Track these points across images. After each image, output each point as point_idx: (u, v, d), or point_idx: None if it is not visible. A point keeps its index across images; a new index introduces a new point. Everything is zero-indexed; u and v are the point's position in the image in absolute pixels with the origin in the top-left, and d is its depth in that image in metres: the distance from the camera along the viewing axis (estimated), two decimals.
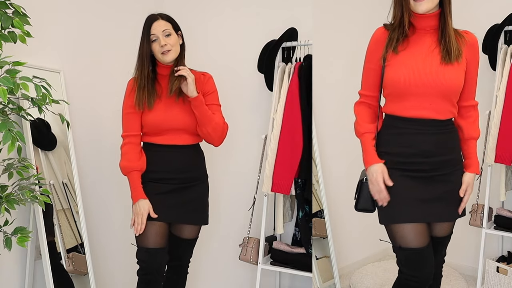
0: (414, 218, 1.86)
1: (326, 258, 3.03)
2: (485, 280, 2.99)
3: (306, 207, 2.82)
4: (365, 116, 1.96)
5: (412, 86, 1.81)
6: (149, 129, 2.25)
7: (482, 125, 3.14)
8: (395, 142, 1.89)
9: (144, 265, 2.19)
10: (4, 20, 1.83)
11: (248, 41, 3.04)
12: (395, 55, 1.85)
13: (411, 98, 1.83)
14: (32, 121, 2.15)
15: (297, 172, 2.73)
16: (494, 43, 2.99)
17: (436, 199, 1.88)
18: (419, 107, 1.83)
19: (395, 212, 1.87)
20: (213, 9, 3.15)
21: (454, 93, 1.85)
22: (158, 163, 2.25)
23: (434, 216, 1.90)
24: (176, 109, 2.24)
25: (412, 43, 1.86)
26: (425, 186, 1.87)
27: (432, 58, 1.82)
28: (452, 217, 1.94)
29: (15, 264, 2.32)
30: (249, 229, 2.88)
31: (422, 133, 1.85)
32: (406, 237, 1.86)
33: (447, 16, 1.83)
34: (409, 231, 1.86)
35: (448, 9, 1.83)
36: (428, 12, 1.81)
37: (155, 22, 2.21)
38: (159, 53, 2.20)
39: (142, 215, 2.15)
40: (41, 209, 2.19)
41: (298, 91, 2.72)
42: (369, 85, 1.95)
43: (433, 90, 1.81)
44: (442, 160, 1.88)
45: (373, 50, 1.91)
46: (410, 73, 1.81)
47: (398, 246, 1.90)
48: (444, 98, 1.83)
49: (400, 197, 1.86)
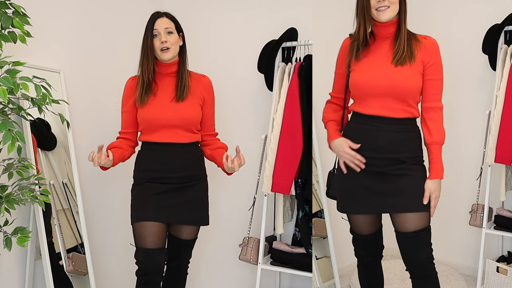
0: (364, 210, 2.07)
1: (326, 258, 3.03)
2: (485, 280, 2.99)
3: (306, 207, 2.82)
4: (329, 110, 2.20)
5: (369, 88, 1.98)
6: (144, 126, 2.26)
7: (482, 125, 3.16)
8: (356, 136, 2.03)
9: (142, 266, 2.19)
10: (4, 20, 1.83)
11: (248, 41, 3.04)
12: (357, 62, 2.03)
13: (370, 98, 1.99)
14: (32, 121, 2.15)
15: (297, 172, 2.73)
16: (494, 43, 3.00)
17: (390, 194, 1.99)
18: (376, 106, 1.98)
19: (349, 204, 2.10)
20: (213, 9, 3.15)
21: (409, 94, 1.96)
22: (155, 163, 2.25)
23: (385, 208, 2.03)
24: (171, 106, 2.24)
25: (372, 50, 2.03)
26: (379, 180, 2.00)
27: (388, 63, 1.97)
28: (406, 209, 1.98)
29: (15, 264, 2.32)
30: (249, 229, 2.88)
31: (378, 130, 1.99)
32: (358, 226, 2.15)
33: (402, 23, 1.98)
34: (360, 221, 2.13)
35: (404, 16, 1.98)
36: (389, 21, 1.97)
37: (159, 18, 2.24)
38: (159, 49, 2.22)
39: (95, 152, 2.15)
40: (41, 209, 2.19)
41: (298, 91, 2.73)
42: (337, 88, 2.18)
43: (387, 90, 1.95)
44: (395, 157, 1.98)
45: (341, 58, 2.13)
46: (368, 76, 1.98)
47: (350, 228, 2.20)
48: (399, 98, 1.96)
49: (354, 190, 2.05)
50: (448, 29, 3.33)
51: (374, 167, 2.00)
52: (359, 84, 2.00)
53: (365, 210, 2.08)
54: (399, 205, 1.99)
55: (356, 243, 2.26)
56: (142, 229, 2.19)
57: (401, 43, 1.96)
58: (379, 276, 2.32)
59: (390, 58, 1.97)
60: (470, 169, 3.30)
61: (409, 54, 1.95)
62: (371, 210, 2.08)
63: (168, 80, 2.28)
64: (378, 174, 2.00)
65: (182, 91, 2.26)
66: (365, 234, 2.17)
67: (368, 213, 2.11)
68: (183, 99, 2.25)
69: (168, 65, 2.27)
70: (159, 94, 2.25)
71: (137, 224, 2.21)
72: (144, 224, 2.19)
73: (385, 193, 2.00)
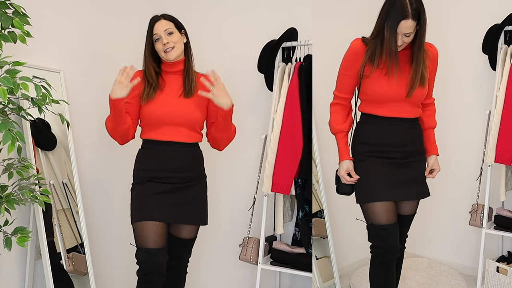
0: (384, 197, 2.22)
1: (326, 258, 3.03)
2: (485, 280, 2.99)
3: (306, 207, 2.82)
4: (339, 116, 2.31)
5: (389, 95, 2.19)
6: (148, 121, 2.26)
7: (482, 125, 3.16)
8: (373, 135, 2.27)
9: (144, 266, 2.19)
10: (4, 20, 1.83)
11: (248, 41, 3.04)
12: (371, 68, 2.17)
13: (387, 103, 2.21)
14: (32, 121, 2.15)
15: (297, 172, 2.73)
16: (494, 43, 3.00)
17: (410, 182, 2.28)
18: (394, 110, 2.22)
19: (369, 193, 2.25)
20: (213, 9, 3.15)
21: (421, 100, 2.27)
22: (157, 162, 2.25)
23: (402, 196, 2.29)
24: (177, 103, 2.25)
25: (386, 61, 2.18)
26: (399, 171, 2.26)
27: (406, 73, 2.17)
28: (417, 196, 2.34)
29: (15, 264, 2.32)
30: (249, 229, 2.88)
31: (396, 129, 2.24)
32: (381, 215, 2.23)
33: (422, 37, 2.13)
34: (380, 209, 2.22)
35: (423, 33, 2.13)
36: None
37: (157, 22, 2.26)
38: (162, 52, 2.24)
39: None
40: (41, 209, 2.19)
41: (298, 91, 2.73)
42: (345, 89, 2.29)
43: (400, 98, 2.19)
44: (410, 150, 2.28)
45: (352, 59, 2.22)
46: (389, 85, 2.17)
47: (370, 223, 2.26)
48: (413, 104, 2.23)
49: (374, 181, 2.24)
50: (448, 29, 3.33)
51: (393, 159, 2.25)
52: (379, 92, 2.19)
53: (384, 198, 2.23)
54: (411, 194, 2.31)
55: (377, 238, 2.25)
56: (143, 228, 2.19)
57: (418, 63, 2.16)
58: (394, 274, 2.35)
59: (409, 69, 2.17)
60: (470, 169, 3.30)
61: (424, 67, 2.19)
62: (390, 198, 2.25)
63: (175, 78, 2.30)
64: (398, 165, 2.25)
65: (190, 87, 2.27)
66: (387, 224, 2.23)
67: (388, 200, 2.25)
68: (191, 95, 2.26)
69: (175, 63, 2.29)
70: (166, 91, 2.27)
71: (138, 224, 2.21)
72: (145, 224, 2.19)
73: (408, 181, 2.27)
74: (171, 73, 2.30)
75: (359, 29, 2.31)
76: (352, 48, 2.21)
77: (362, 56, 2.18)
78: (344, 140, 2.31)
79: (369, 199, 2.24)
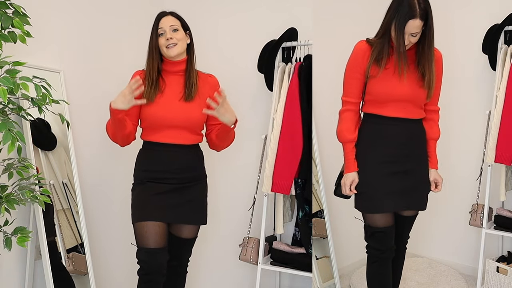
0: (385, 209, 2.22)
1: (326, 258, 3.03)
2: (485, 280, 2.99)
3: (306, 207, 2.82)
4: (350, 124, 2.25)
5: (394, 95, 2.16)
6: (149, 124, 2.25)
7: (482, 125, 3.16)
8: (378, 136, 2.22)
9: (144, 265, 2.19)
10: (4, 20, 1.83)
11: (248, 41, 3.04)
12: (378, 68, 2.14)
13: (392, 103, 2.18)
14: (32, 121, 2.15)
15: (297, 172, 2.73)
16: (494, 43, 3.00)
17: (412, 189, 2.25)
18: (398, 110, 2.18)
19: (369, 203, 2.24)
20: (213, 9, 3.15)
21: (424, 100, 2.21)
22: (157, 163, 2.25)
23: (403, 205, 2.26)
24: (178, 106, 2.24)
25: (393, 61, 2.15)
26: (401, 177, 2.21)
27: (415, 73, 2.16)
28: (418, 207, 2.31)
29: (15, 264, 2.32)
30: (249, 229, 2.88)
31: (399, 128, 2.19)
32: (379, 220, 2.24)
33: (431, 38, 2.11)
34: (378, 216, 2.24)
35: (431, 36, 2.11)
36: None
37: (164, 17, 2.26)
38: (164, 47, 2.23)
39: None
40: (41, 209, 2.19)
41: (298, 91, 2.73)
42: (354, 94, 2.23)
43: (409, 98, 2.17)
44: (415, 154, 2.24)
45: (358, 61, 2.18)
46: (394, 85, 2.14)
47: (367, 224, 2.28)
48: (416, 104, 2.20)
49: (376, 191, 2.21)
50: (448, 29, 3.33)
51: (395, 163, 2.20)
52: (387, 92, 2.15)
53: (385, 209, 2.23)
54: (412, 203, 2.28)
55: (373, 239, 2.28)
56: (144, 228, 2.19)
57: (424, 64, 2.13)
58: (390, 274, 2.36)
59: (416, 69, 2.15)
60: (470, 169, 3.30)
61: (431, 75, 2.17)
62: (391, 209, 2.24)
63: (176, 79, 2.28)
64: (401, 170, 2.21)
65: (190, 90, 2.26)
66: (384, 227, 2.24)
67: (388, 212, 2.25)
68: (192, 99, 2.25)
69: (176, 63, 2.27)
70: (166, 93, 2.25)
71: (139, 224, 2.21)
72: (146, 224, 2.19)
73: (411, 189, 2.24)
74: (172, 73, 2.28)
75: (359, 29, 2.31)
76: (358, 50, 2.18)
77: (368, 56, 2.15)
78: (353, 152, 2.24)
79: (371, 210, 2.24)
